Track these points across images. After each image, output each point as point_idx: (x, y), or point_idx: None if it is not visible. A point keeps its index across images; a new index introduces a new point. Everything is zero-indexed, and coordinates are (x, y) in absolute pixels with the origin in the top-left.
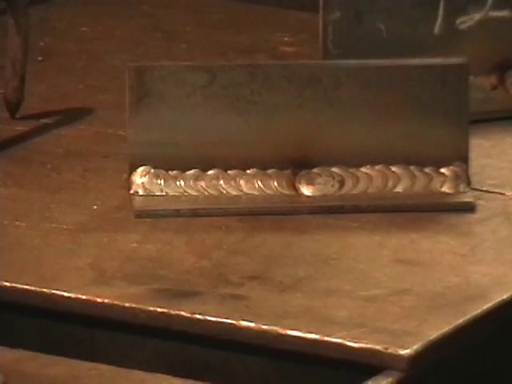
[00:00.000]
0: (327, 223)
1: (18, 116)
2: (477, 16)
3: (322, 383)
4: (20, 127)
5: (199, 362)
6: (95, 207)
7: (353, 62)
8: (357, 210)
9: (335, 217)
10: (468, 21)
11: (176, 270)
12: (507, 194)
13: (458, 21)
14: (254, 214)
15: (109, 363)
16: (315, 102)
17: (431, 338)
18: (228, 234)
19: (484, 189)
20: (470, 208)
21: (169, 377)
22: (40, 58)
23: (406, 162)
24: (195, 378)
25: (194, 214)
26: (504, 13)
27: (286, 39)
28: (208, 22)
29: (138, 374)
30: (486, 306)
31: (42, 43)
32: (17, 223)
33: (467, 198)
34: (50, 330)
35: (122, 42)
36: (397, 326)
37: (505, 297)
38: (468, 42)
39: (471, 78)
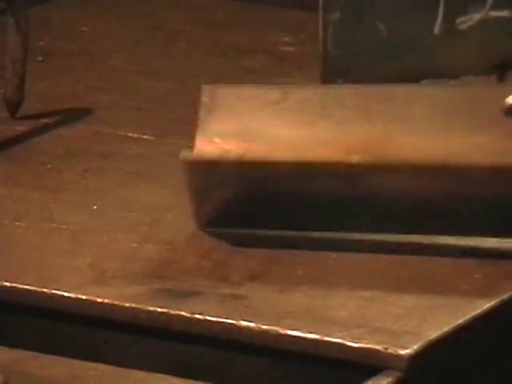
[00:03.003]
0: None
1: (18, 116)
2: (477, 16)
3: (321, 383)
4: (20, 127)
5: (199, 362)
6: (95, 207)
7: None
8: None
9: None
10: (468, 21)
11: (176, 269)
12: None
13: (457, 21)
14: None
15: (109, 363)
16: (386, 116)
17: (431, 338)
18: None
19: None
20: None
21: (169, 377)
22: (40, 58)
23: None
24: (195, 378)
25: None
26: (504, 13)
27: (285, 39)
28: (208, 22)
29: (138, 374)
30: (486, 306)
31: (42, 43)
32: (17, 223)
33: None
34: (50, 329)
35: (122, 41)
36: (397, 326)
37: (505, 297)
38: (468, 42)
39: (471, 77)
